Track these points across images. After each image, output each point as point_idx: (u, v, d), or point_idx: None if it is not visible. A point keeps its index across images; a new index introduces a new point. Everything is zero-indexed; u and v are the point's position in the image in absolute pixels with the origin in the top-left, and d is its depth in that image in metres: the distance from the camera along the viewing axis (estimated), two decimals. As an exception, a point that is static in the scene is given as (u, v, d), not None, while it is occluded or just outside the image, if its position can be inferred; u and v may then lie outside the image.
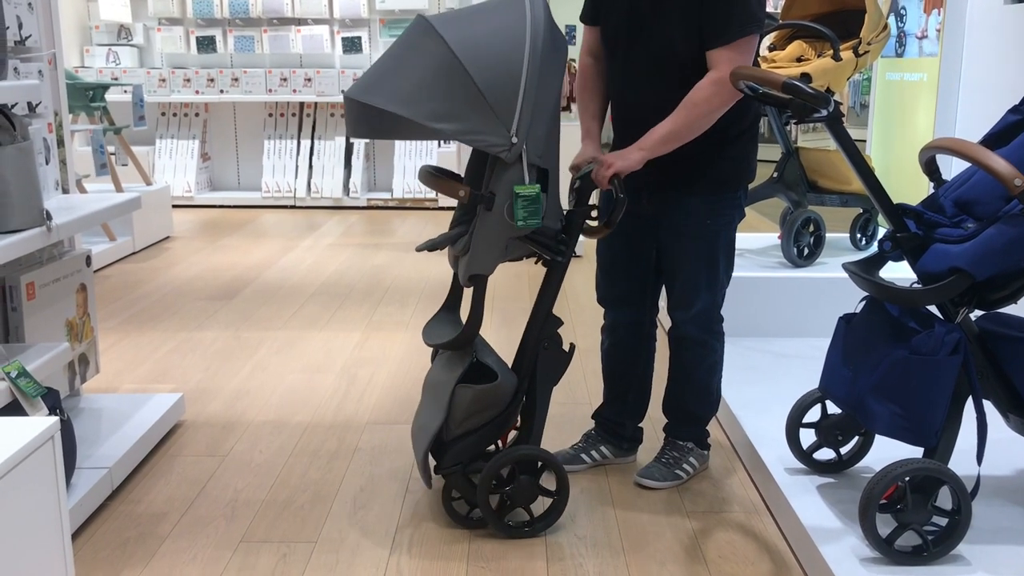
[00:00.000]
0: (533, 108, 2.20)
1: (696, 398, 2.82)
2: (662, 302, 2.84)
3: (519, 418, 2.55)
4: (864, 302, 2.37)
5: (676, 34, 2.44)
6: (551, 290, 2.49)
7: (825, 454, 2.62)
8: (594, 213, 2.54)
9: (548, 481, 2.49)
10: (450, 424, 2.44)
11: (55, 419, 1.71)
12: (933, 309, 2.23)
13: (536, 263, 2.50)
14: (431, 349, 2.65)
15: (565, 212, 2.47)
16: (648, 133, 2.46)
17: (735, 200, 2.63)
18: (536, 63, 2.19)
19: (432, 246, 2.43)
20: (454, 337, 2.46)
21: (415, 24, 2.23)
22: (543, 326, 2.48)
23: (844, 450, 2.61)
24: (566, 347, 2.51)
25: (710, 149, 2.49)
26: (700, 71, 2.44)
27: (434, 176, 2.38)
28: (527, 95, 2.18)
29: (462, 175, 2.52)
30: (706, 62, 2.43)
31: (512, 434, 2.63)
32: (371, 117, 2.21)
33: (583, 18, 2.70)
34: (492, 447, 2.55)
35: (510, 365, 2.55)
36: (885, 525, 2.14)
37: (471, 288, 2.41)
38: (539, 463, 2.47)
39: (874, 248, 2.38)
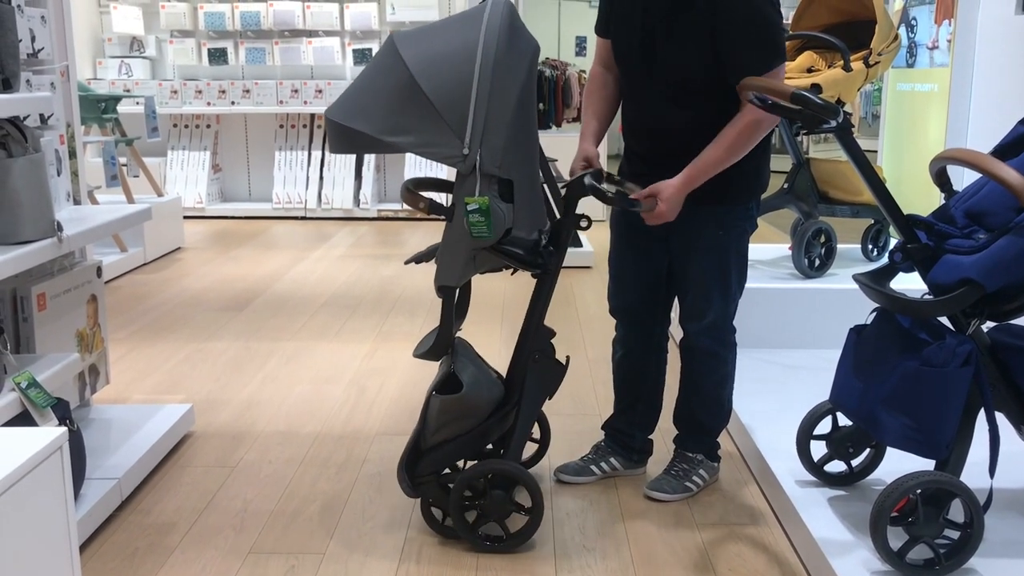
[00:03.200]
0: (486, 119, 2.18)
1: (707, 410, 2.81)
2: (674, 314, 2.83)
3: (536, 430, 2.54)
4: (875, 313, 2.36)
5: (690, 60, 2.45)
6: (540, 301, 2.48)
7: (836, 466, 2.61)
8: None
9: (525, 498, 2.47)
10: (426, 433, 2.45)
11: (63, 430, 1.71)
12: (944, 321, 2.22)
13: (512, 274, 2.49)
14: (425, 338, 2.64)
15: (552, 222, 2.46)
16: (691, 167, 2.44)
17: (747, 212, 2.63)
18: (488, 72, 2.17)
19: (419, 259, 2.44)
20: (429, 348, 2.46)
21: (385, 43, 2.26)
22: (533, 338, 2.48)
23: (855, 462, 2.59)
24: (561, 359, 2.50)
25: None
26: (714, 93, 2.45)
27: (407, 190, 2.37)
28: (479, 106, 2.17)
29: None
30: (721, 83, 2.42)
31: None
32: (341, 133, 2.26)
33: (596, 30, 2.70)
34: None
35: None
36: (897, 538, 2.13)
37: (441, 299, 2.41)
38: (513, 479, 2.44)
39: (885, 259, 2.37)
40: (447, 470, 2.50)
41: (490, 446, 2.57)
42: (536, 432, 2.81)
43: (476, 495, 2.44)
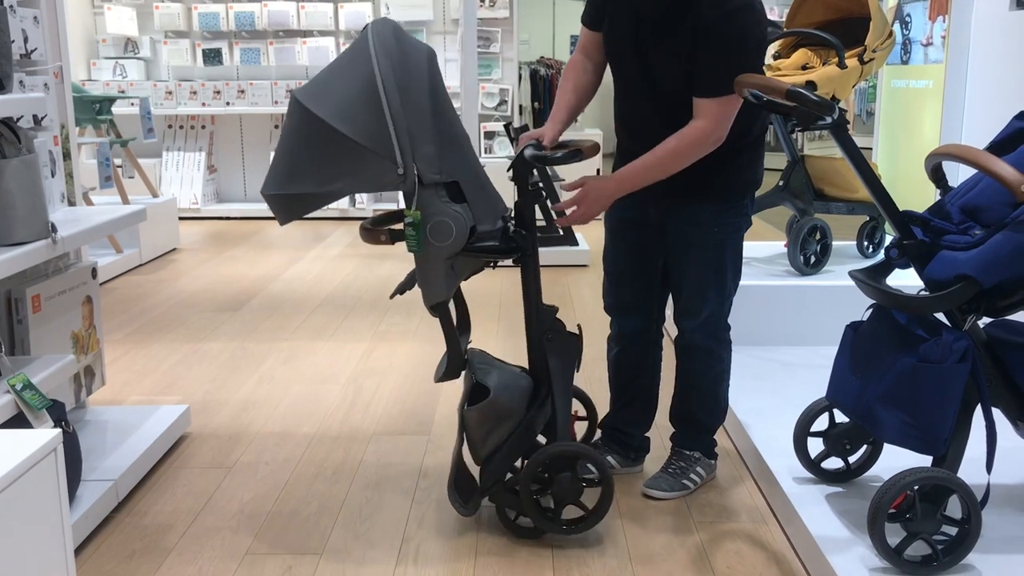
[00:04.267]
0: (409, 132, 2.21)
1: (703, 407, 2.81)
2: (669, 311, 2.83)
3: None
4: (871, 310, 2.36)
5: (675, 71, 2.45)
6: (531, 283, 2.49)
7: (833, 463, 2.61)
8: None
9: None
10: (475, 448, 2.47)
11: (56, 432, 1.71)
12: (941, 317, 2.22)
13: (494, 268, 2.49)
14: (440, 361, 2.65)
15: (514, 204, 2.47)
16: (625, 169, 2.49)
17: (742, 209, 2.63)
18: (393, 91, 2.19)
19: (402, 289, 2.47)
20: (445, 369, 2.48)
21: (291, 105, 2.27)
22: (538, 320, 2.49)
23: (852, 459, 2.59)
24: (573, 330, 2.51)
25: (717, 159, 2.48)
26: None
27: (365, 230, 2.40)
28: (397, 125, 2.19)
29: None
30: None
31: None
32: (283, 203, 2.30)
33: (583, 20, 2.68)
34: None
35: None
36: (894, 535, 2.13)
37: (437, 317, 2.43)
38: (572, 457, 2.47)
39: (881, 256, 2.37)
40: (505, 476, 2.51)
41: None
42: (581, 410, 2.87)
43: (545, 486, 2.46)
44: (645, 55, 2.50)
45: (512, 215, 2.46)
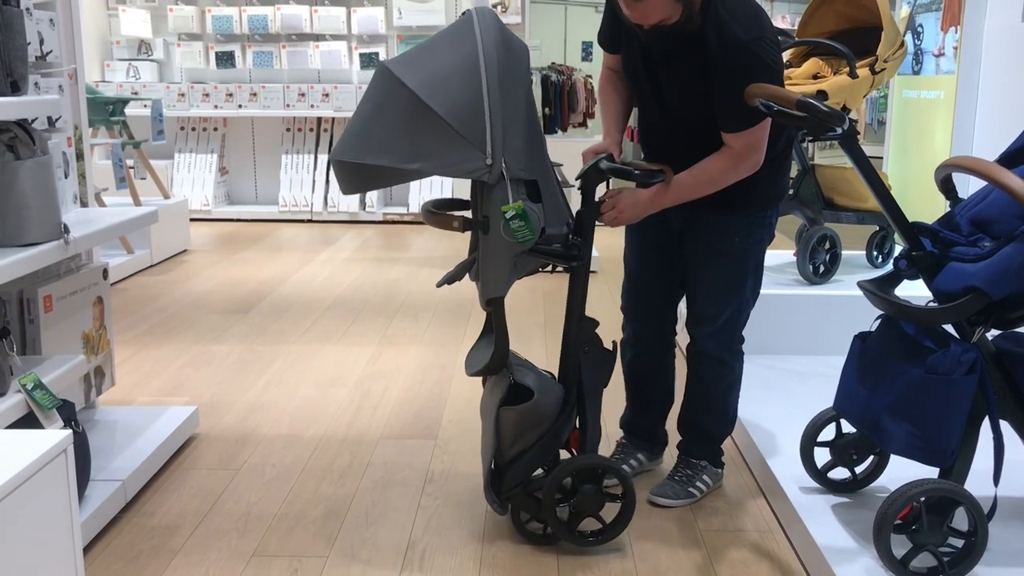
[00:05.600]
0: (503, 124, 2.19)
1: (712, 416, 2.81)
2: (682, 318, 2.83)
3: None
4: (880, 320, 2.36)
5: (689, 98, 2.46)
6: (578, 294, 2.49)
7: (840, 473, 2.61)
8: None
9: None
10: (502, 448, 2.46)
11: (68, 432, 1.72)
12: (949, 328, 2.22)
13: (551, 272, 2.50)
14: (470, 354, 2.65)
15: (575, 212, 2.47)
16: (662, 185, 2.47)
17: (765, 220, 2.63)
18: (495, 80, 2.18)
19: (451, 279, 2.45)
20: (487, 363, 2.46)
21: (378, 73, 2.24)
22: (578, 331, 2.49)
23: (859, 469, 2.59)
24: (608, 346, 2.52)
25: None
26: (714, 123, 2.45)
27: (432, 213, 2.38)
28: (493, 114, 2.17)
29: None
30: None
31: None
32: (354, 172, 2.26)
33: (600, 43, 2.69)
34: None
35: (557, 375, 2.56)
36: (900, 546, 2.13)
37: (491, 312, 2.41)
38: (599, 470, 2.47)
39: (890, 266, 2.37)
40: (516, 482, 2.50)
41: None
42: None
43: (567, 495, 2.46)
44: (659, 84, 2.51)
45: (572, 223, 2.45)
